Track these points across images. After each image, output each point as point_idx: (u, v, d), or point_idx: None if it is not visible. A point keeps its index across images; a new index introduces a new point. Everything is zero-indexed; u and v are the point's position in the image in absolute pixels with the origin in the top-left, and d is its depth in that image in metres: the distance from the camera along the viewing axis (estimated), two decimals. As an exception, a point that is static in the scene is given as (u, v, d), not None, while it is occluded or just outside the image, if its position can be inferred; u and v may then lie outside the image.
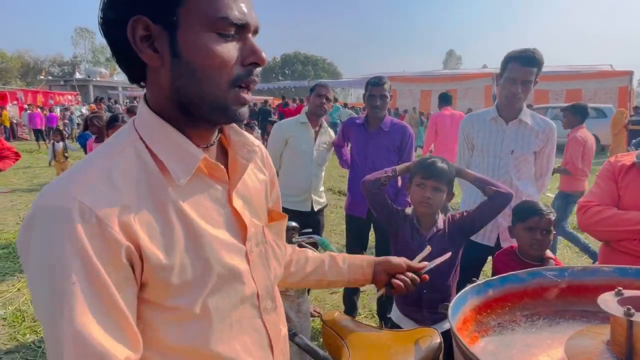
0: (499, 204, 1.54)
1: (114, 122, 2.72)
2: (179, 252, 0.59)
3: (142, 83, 0.65)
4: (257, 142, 0.79)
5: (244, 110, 0.64)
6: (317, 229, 2.98)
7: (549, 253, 1.62)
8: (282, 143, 2.75)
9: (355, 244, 2.82)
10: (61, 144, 6.57)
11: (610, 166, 1.59)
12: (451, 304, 0.87)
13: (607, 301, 0.66)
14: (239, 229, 0.69)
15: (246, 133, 0.76)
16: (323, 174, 2.96)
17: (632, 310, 0.59)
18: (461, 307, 0.92)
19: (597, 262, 1.69)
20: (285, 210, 0.88)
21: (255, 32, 0.64)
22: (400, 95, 18.60)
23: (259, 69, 0.64)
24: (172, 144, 0.62)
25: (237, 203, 0.69)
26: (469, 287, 0.96)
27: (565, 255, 4.27)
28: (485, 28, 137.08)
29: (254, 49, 0.62)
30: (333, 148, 2.92)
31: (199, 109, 0.62)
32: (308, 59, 62.24)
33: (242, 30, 0.61)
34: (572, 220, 3.83)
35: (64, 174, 0.60)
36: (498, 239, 2.09)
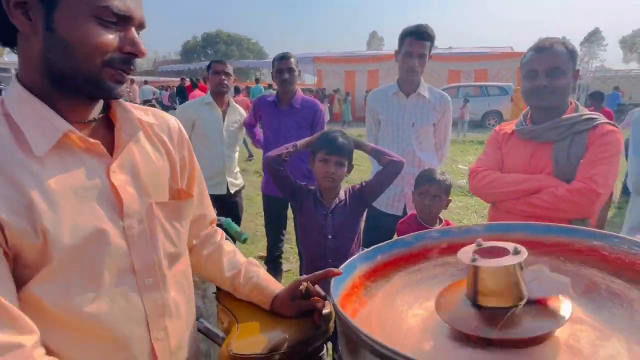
0: (392, 171, 1.61)
1: None
2: (39, 219, 0.61)
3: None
4: (172, 123, 0.84)
5: (121, 89, 0.68)
6: (236, 211, 2.91)
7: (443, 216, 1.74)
8: (189, 126, 2.61)
9: (273, 224, 2.80)
10: None
11: (496, 134, 1.72)
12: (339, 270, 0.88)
13: (465, 253, 0.70)
14: (116, 203, 0.70)
15: (138, 111, 0.78)
16: (236, 154, 2.87)
17: (476, 257, 0.63)
18: (350, 274, 0.93)
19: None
20: None
21: (140, 26, 0.68)
22: (325, 75, 18.75)
23: (136, 60, 0.69)
24: (36, 116, 0.63)
25: (119, 178, 0.70)
26: (357, 255, 0.97)
27: (473, 220, 4.70)
28: (406, 11, 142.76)
29: (134, 41, 0.66)
30: (244, 127, 2.84)
31: (72, 81, 0.64)
32: (231, 38, 59.72)
33: (124, 21, 0.65)
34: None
35: None
36: (405, 207, 2.20)
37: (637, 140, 1.65)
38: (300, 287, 0.91)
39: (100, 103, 0.74)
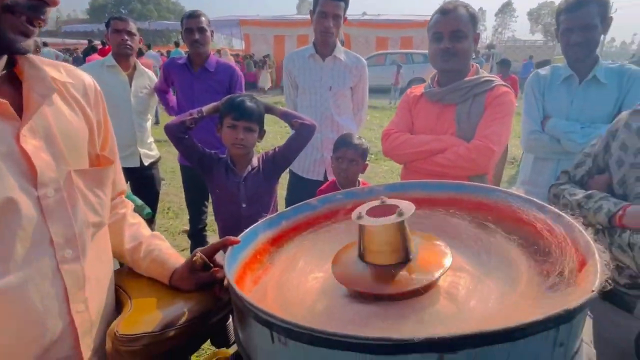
0: (304, 135, 1.59)
1: None
2: None
3: None
4: (87, 80, 0.78)
5: (27, 43, 0.60)
6: (152, 184, 2.73)
7: (362, 180, 1.77)
8: None
9: (193, 196, 2.68)
10: None
11: (407, 97, 1.76)
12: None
13: (357, 212, 0.70)
14: (29, 171, 0.64)
15: (48, 67, 0.71)
16: (149, 123, 2.65)
17: (362, 214, 0.63)
18: (251, 242, 0.91)
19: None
20: None
21: None
22: (254, 40, 17.95)
23: (48, 10, 0.60)
24: None
25: (30, 143, 0.64)
26: (260, 221, 0.94)
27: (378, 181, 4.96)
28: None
29: None
30: (156, 94, 2.61)
31: None
32: (148, -4, 54.22)
33: None
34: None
35: None
36: (326, 173, 2.21)
37: (528, 103, 1.79)
38: (194, 258, 0.86)
39: (4, 58, 0.65)
